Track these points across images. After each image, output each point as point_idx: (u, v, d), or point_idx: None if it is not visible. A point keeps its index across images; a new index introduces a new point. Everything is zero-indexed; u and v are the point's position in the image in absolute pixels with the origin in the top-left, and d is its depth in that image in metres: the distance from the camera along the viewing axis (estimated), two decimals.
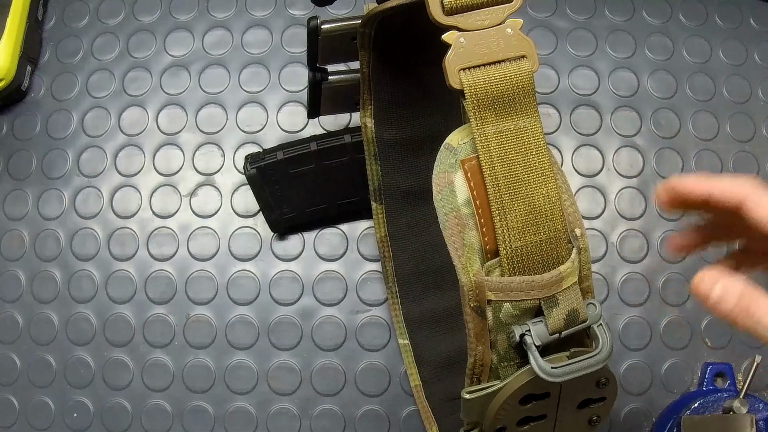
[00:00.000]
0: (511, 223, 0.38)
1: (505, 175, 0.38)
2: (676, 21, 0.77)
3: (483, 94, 0.38)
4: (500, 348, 0.40)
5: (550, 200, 0.38)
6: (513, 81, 0.38)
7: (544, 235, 0.38)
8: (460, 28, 0.39)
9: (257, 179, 0.65)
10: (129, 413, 0.68)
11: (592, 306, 0.40)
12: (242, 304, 0.70)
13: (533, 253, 0.38)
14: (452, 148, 0.39)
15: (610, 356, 0.39)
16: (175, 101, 0.75)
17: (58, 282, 0.71)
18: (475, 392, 0.40)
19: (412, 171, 0.61)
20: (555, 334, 0.39)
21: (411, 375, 0.65)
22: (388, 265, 0.65)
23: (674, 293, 0.69)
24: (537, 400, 0.41)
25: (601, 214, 0.71)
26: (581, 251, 0.39)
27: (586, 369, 0.38)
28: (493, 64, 0.39)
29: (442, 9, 0.39)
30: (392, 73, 0.55)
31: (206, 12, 0.78)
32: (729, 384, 0.65)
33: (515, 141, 0.38)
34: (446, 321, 0.64)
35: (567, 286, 0.39)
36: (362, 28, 0.50)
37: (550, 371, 0.38)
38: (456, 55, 0.38)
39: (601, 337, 0.39)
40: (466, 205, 0.39)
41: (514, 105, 0.38)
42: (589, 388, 0.42)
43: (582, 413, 0.43)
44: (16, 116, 0.76)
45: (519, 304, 0.38)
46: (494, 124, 0.38)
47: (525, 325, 0.39)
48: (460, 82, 0.38)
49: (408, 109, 0.58)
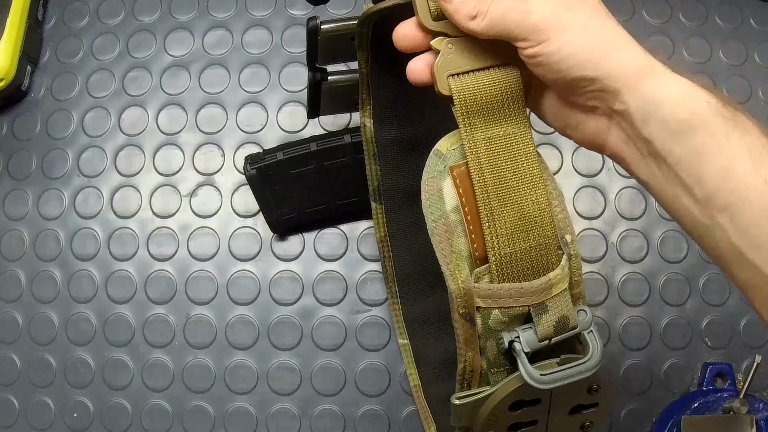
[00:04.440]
0: (500, 230, 0.38)
1: (494, 182, 0.38)
2: (676, 21, 0.76)
3: (472, 100, 0.38)
4: (490, 354, 0.40)
5: (540, 207, 0.38)
6: (501, 87, 0.38)
7: (533, 241, 0.38)
8: (449, 34, 0.39)
9: (257, 179, 0.65)
10: (129, 413, 0.68)
11: (583, 312, 0.39)
12: (242, 304, 0.70)
13: (522, 260, 0.38)
14: (441, 155, 0.39)
15: (600, 364, 0.39)
16: (175, 101, 0.75)
17: (58, 282, 0.71)
18: (465, 398, 0.40)
19: (411, 171, 0.61)
20: (544, 341, 0.38)
21: (410, 375, 0.65)
22: (388, 265, 0.65)
23: (674, 293, 0.69)
24: (527, 406, 0.41)
25: (601, 214, 0.71)
26: (572, 258, 0.39)
27: (576, 376, 0.38)
28: (481, 70, 0.39)
29: (430, 15, 0.39)
30: (391, 73, 0.55)
31: (206, 12, 0.78)
32: (729, 384, 0.65)
33: (504, 147, 0.38)
34: (446, 321, 0.64)
35: (557, 293, 0.38)
36: (359, 27, 0.50)
37: (539, 378, 0.38)
38: (445, 61, 0.38)
39: (591, 344, 0.39)
40: (455, 212, 0.39)
41: (503, 111, 0.38)
42: (580, 395, 0.41)
43: (574, 419, 0.43)
44: (16, 116, 0.76)
45: (508, 310, 0.38)
46: (483, 131, 0.38)
47: (514, 332, 0.39)
48: (449, 88, 0.38)
49: (407, 109, 0.58)
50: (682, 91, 0.36)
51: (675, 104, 0.35)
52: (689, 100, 0.35)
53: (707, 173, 0.35)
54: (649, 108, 0.36)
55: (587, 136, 0.40)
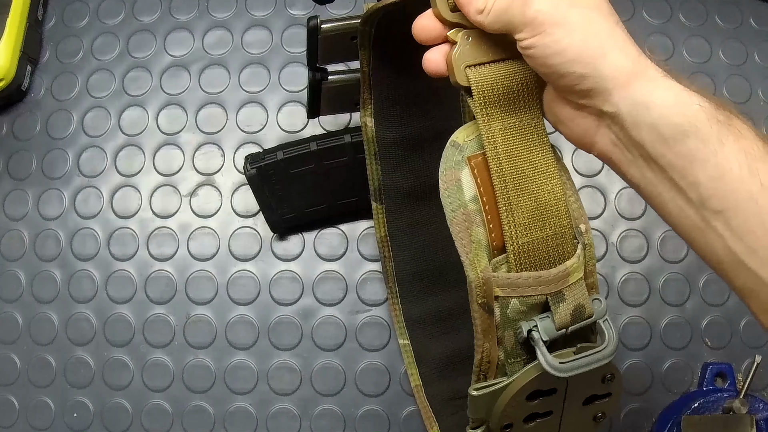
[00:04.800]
0: (517, 219, 0.38)
1: (511, 172, 0.38)
2: (676, 21, 0.76)
3: (489, 91, 0.38)
4: (507, 344, 0.40)
5: (555, 196, 0.39)
6: (518, 78, 0.39)
7: (550, 230, 0.38)
8: (466, 25, 0.39)
9: (257, 179, 0.65)
10: (129, 413, 0.68)
11: (598, 301, 0.40)
12: (242, 304, 0.70)
13: (540, 249, 0.38)
14: (458, 145, 0.39)
15: (616, 351, 0.39)
16: (175, 101, 0.75)
17: (58, 282, 0.71)
18: (483, 389, 0.40)
19: (412, 170, 0.61)
20: (562, 330, 0.39)
21: (411, 375, 0.65)
22: (388, 265, 0.65)
23: (674, 293, 0.69)
24: (544, 396, 0.41)
25: (601, 214, 0.71)
26: (586, 247, 0.39)
27: (593, 364, 0.38)
28: (498, 62, 0.39)
29: (448, 6, 0.39)
30: (392, 72, 0.55)
31: (206, 12, 0.78)
32: (729, 384, 0.65)
33: (520, 137, 0.39)
34: (446, 321, 0.64)
35: (573, 282, 0.39)
36: (362, 26, 0.50)
37: (558, 366, 0.38)
38: (462, 52, 0.39)
39: (606, 332, 0.39)
40: (473, 202, 0.39)
41: (519, 102, 0.39)
42: (595, 384, 0.42)
43: (587, 410, 0.43)
44: (16, 116, 0.76)
45: (526, 299, 0.38)
46: (500, 121, 0.38)
47: (532, 321, 0.39)
48: (467, 79, 0.38)
49: (408, 108, 0.58)
50: (675, 94, 0.35)
51: (667, 108, 0.35)
52: (682, 104, 0.35)
53: (700, 178, 0.35)
54: (640, 111, 0.36)
55: (576, 133, 0.40)
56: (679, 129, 0.35)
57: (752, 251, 0.34)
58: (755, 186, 0.34)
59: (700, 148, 0.35)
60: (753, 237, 0.34)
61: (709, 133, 0.35)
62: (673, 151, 0.35)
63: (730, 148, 0.34)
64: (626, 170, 0.39)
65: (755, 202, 0.34)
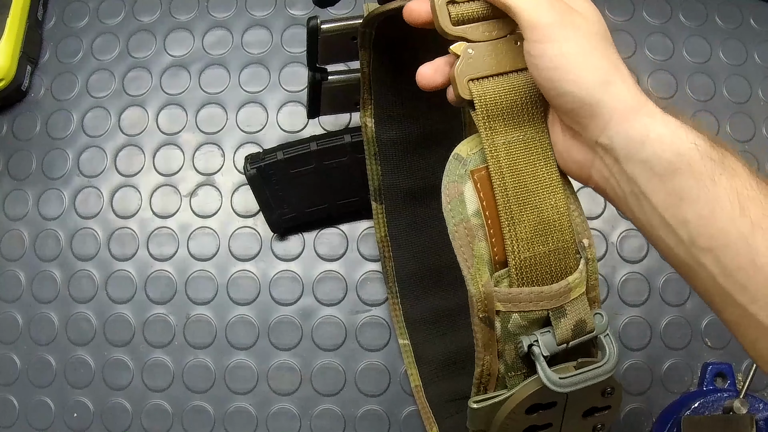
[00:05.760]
0: (520, 234, 0.38)
1: (514, 186, 0.38)
2: (676, 21, 0.76)
3: (493, 105, 0.38)
4: (508, 358, 0.40)
5: (559, 211, 0.39)
6: (521, 91, 0.38)
7: (552, 245, 0.38)
8: (469, 39, 0.39)
9: (257, 179, 0.65)
10: (129, 413, 0.68)
11: (599, 316, 0.40)
12: (242, 304, 0.70)
13: (542, 264, 0.38)
14: (461, 159, 0.39)
15: (616, 367, 0.39)
16: (175, 101, 0.75)
17: (58, 282, 0.71)
18: (483, 401, 0.40)
19: (412, 171, 0.61)
20: (562, 345, 0.39)
21: (411, 375, 0.65)
22: (388, 265, 0.65)
23: (674, 293, 0.69)
24: (543, 409, 0.41)
25: (601, 214, 0.71)
26: (589, 261, 0.39)
27: (594, 379, 0.38)
28: (501, 75, 0.39)
29: (450, 20, 0.39)
30: (392, 73, 0.55)
31: (206, 12, 0.78)
32: (729, 384, 0.65)
33: (524, 151, 0.38)
34: (446, 321, 0.64)
35: (575, 297, 0.39)
36: (363, 28, 0.50)
37: (558, 381, 0.38)
38: (465, 65, 0.38)
39: (608, 347, 0.39)
40: (476, 216, 0.39)
41: (523, 115, 0.39)
42: (594, 397, 0.42)
43: (587, 422, 0.43)
44: (16, 116, 0.76)
45: (527, 314, 0.38)
46: (503, 135, 0.38)
47: (533, 336, 0.39)
48: (470, 93, 0.38)
49: (408, 109, 0.58)
50: (671, 131, 0.35)
51: (661, 144, 0.35)
52: (677, 141, 0.35)
53: (689, 216, 0.35)
54: (634, 146, 0.36)
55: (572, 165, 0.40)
56: (671, 166, 0.35)
57: (742, 288, 0.35)
58: (746, 225, 0.34)
59: (692, 186, 0.35)
60: (743, 274, 0.34)
61: (702, 171, 0.35)
62: (664, 187, 0.35)
63: (722, 186, 0.34)
64: (620, 205, 0.39)
65: (745, 240, 0.34)
